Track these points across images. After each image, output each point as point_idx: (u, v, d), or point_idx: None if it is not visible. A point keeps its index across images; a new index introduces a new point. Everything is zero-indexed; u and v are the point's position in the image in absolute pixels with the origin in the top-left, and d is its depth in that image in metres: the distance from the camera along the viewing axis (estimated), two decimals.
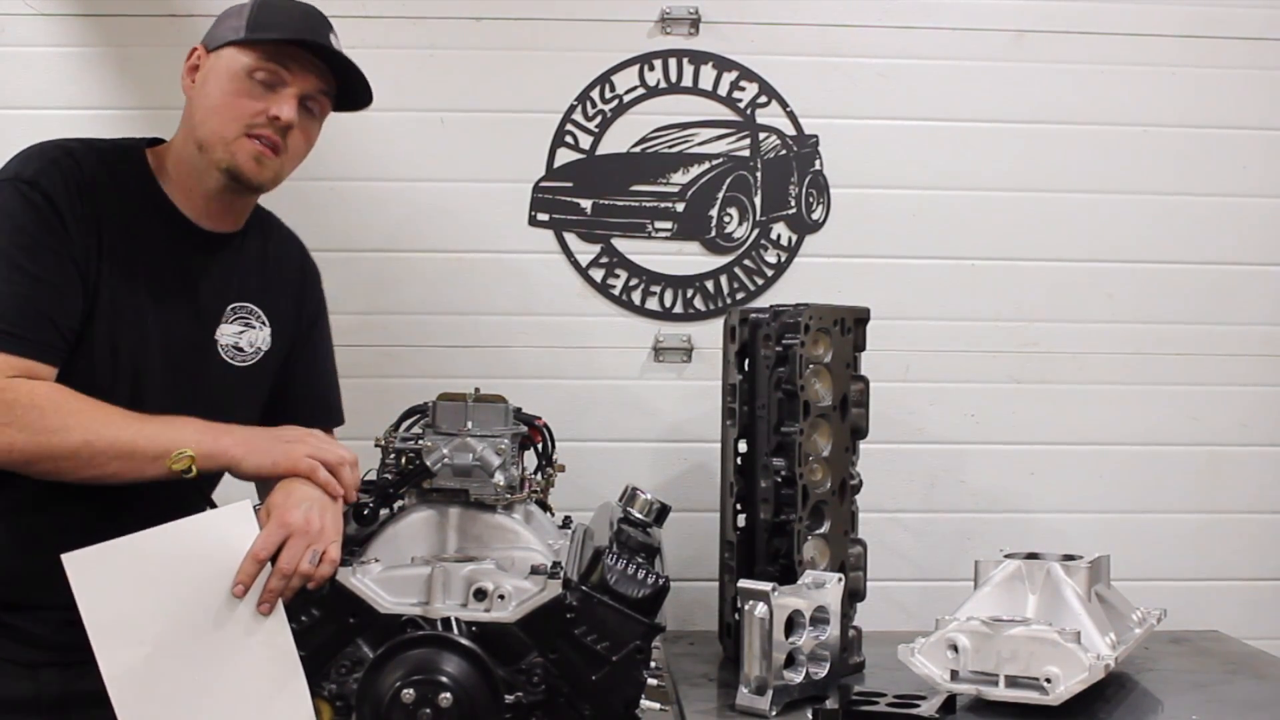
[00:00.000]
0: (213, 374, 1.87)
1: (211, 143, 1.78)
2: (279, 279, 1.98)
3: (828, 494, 2.13)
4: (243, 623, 1.65)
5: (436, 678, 1.61)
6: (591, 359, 2.69)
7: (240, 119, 1.77)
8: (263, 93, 1.78)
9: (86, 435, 1.64)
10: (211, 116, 1.78)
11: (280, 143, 1.79)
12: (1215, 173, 2.75)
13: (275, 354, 1.95)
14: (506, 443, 1.83)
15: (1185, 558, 2.75)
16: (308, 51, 1.79)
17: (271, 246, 1.99)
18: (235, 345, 1.89)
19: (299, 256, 2.05)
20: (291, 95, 1.79)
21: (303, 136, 1.84)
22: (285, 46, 1.78)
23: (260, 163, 1.79)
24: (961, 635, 1.88)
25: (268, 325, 1.93)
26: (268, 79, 1.78)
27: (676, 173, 2.70)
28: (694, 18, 2.68)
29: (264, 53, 1.77)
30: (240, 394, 1.90)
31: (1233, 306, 2.76)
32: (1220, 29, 2.74)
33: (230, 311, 1.89)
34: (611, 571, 1.69)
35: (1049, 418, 2.73)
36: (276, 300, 1.95)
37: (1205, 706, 1.98)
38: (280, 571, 1.64)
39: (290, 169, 1.87)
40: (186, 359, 1.84)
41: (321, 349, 2.07)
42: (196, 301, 1.85)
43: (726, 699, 1.98)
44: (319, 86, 1.83)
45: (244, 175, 1.79)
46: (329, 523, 1.70)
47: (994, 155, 2.73)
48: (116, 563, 1.63)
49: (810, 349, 2.12)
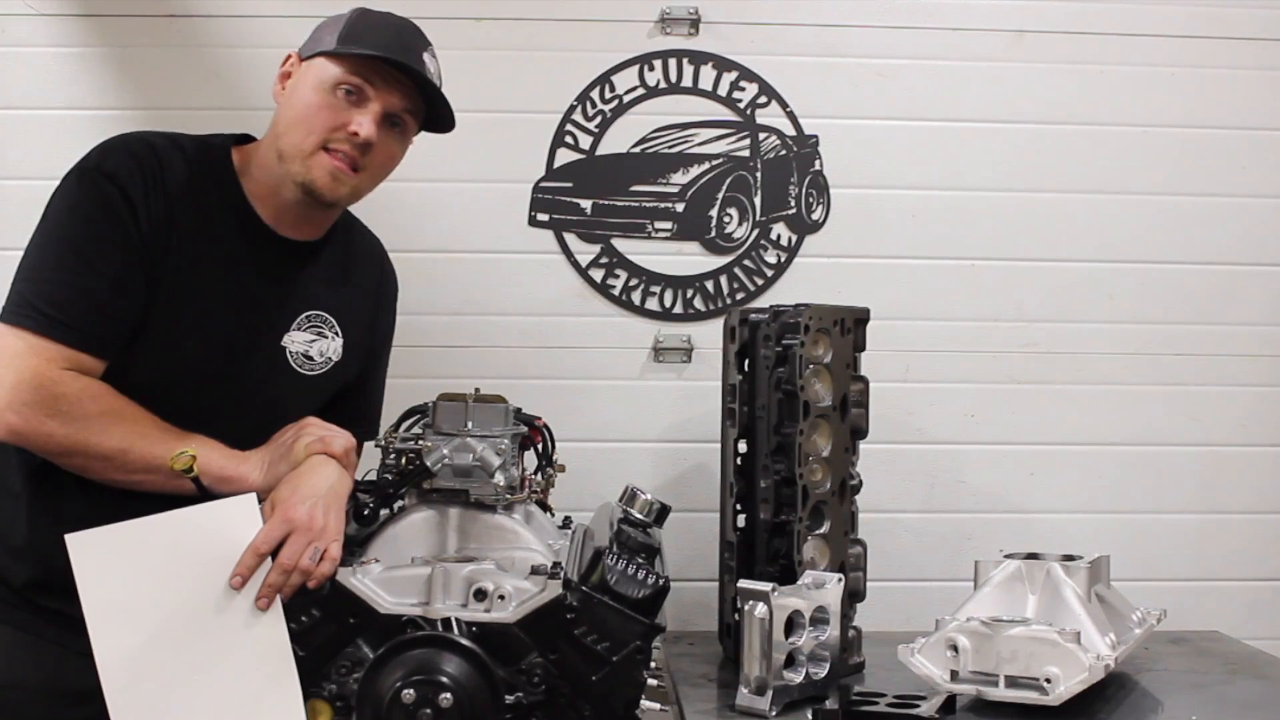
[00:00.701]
0: (279, 381, 1.86)
1: (290, 154, 1.77)
2: (358, 291, 1.96)
3: (828, 494, 2.13)
4: (239, 616, 1.64)
5: (437, 678, 1.61)
6: (591, 359, 2.69)
7: (320, 131, 1.75)
8: (346, 107, 1.76)
9: (123, 443, 1.66)
10: (293, 127, 1.77)
11: (359, 159, 1.77)
12: (1215, 173, 2.75)
13: (345, 366, 1.93)
14: (506, 443, 1.83)
15: (1185, 558, 2.75)
16: (396, 69, 1.77)
17: (353, 258, 1.97)
18: (305, 354, 1.88)
19: (379, 267, 2.04)
20: (374, 111, 1.77)
21: (385, 154, 1.81)
22: (373, 62, 1.76)
23: (336, 179, 1.77)
24: (961, 635, 1.88)
25: (341, 336, 1.92)
26: (353, 93, 1.76)
27: (676, 173, 2.70)
28: (694, 18, 2.68)
29: (351, 66, 1.76)
30: (304, 402, 1.88)
31: (1233, 306, 2.76)
32: (1220, 29, 2.74)
33: (304, 320, 1.87)
34: (611, 572, 1.69)
35: (1049, 418, 2.73)
36: (353, 312, 1.94)
37: (1205, 706, 1.98)
38: (280, 566, 1.64)
39: (370, 187, 1.84)
40: (252, 364, 1.83)
41: (383, 362, 2.07)
42: (267, 308, 1.84)
43: (726, 699, 1.98)
44: (404, 105, 1.80)
45: (319, 192, 1.77)
46: (332, 520, 1.70)
47: (994, 155, 2.73)
48: (118, 547, 1.63)
49: (810, 349, 2.12)
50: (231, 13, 2.63)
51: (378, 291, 2.03)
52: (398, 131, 1.83)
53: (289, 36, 2.23)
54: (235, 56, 2.63)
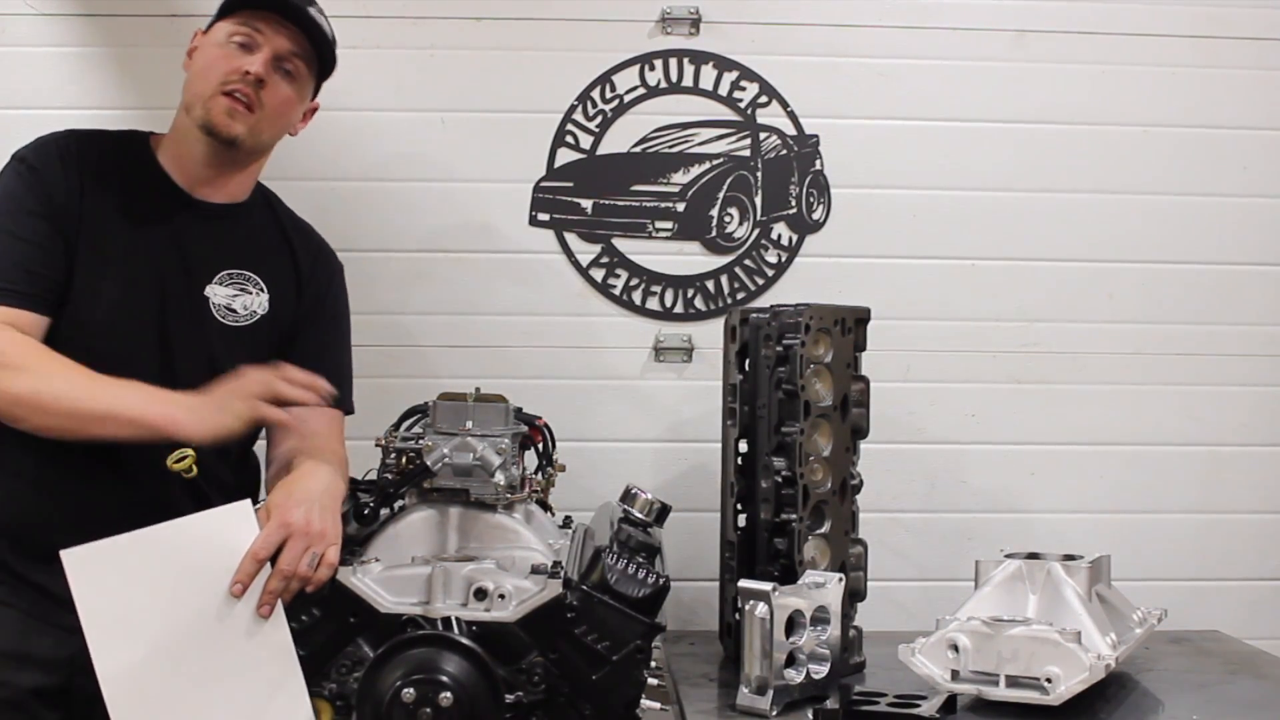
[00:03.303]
0: (207, 330, 1.95)
1: (193, 103, 1.93)
2: (284, 253, 2.06)
3: (828, 494, 2.13)
4: (241, 623, 1.65)
5: (437, 677, 1.61)
6: (592, 359, 2.69)
7: (217, 77, 1.90)
8: (240, 54, 1.91)
9: (36, 385, 1.74)
10: (196, 80, 1.94)
11: (254, 96, 1.90)
12: (1215, 173, 2.75)
13: (273, 319, 2.00)
14: (507, 442, 1.83)
15: (1185, 558, 2.75)
16: (280, 16, 1.93)
17: (281, 228, 2.08)
18: (228, 307, 1.97)
19: (311, 244, 2.12)
20: (263, 54, 1.91)
21: (278, 96, 1.94)
22: (258, 13, 1.93)
23: (232, 115, 1.90)
24: (962, 635, 1.88)
25: (265, 292, 2.00)
26: (244, 41, 1.92)
27: (677, 173, 2.70)
28: (694, 18, 2.68)
29: (239, 19, 1.93)
30: (236, 352, 1.94)
31: (1233, 306, 2.76)
32: (1222, 29, 2.73)
33: (225, 276, 1.97)
34: (612, 571, 1.70)
35: (1049, 418, 2.73)
36: (277, 272, 2.03)
37: (1205, 706, 1.98)
38: (280, 572, 1.65)
39: (269, 130, 1.96)
40: (178, 312, 1.93)
41: (332, 335, 2.11)
42: (187, 261, 1.95)
43: (727, 699, 1.98)
44: (290, 48, 1.94)
45: (217, 128, 1.90)
46: (329, 524, 1.71)
47: (994, 155, 2.73)
48: (115, 560, 1.63)
49: (811, 349, 2.12)
50: None
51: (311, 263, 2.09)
52: (289, 78, 1.96)
53: None
54: None
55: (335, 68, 2.04)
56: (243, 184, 2.02)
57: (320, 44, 1.98)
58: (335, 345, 2.11)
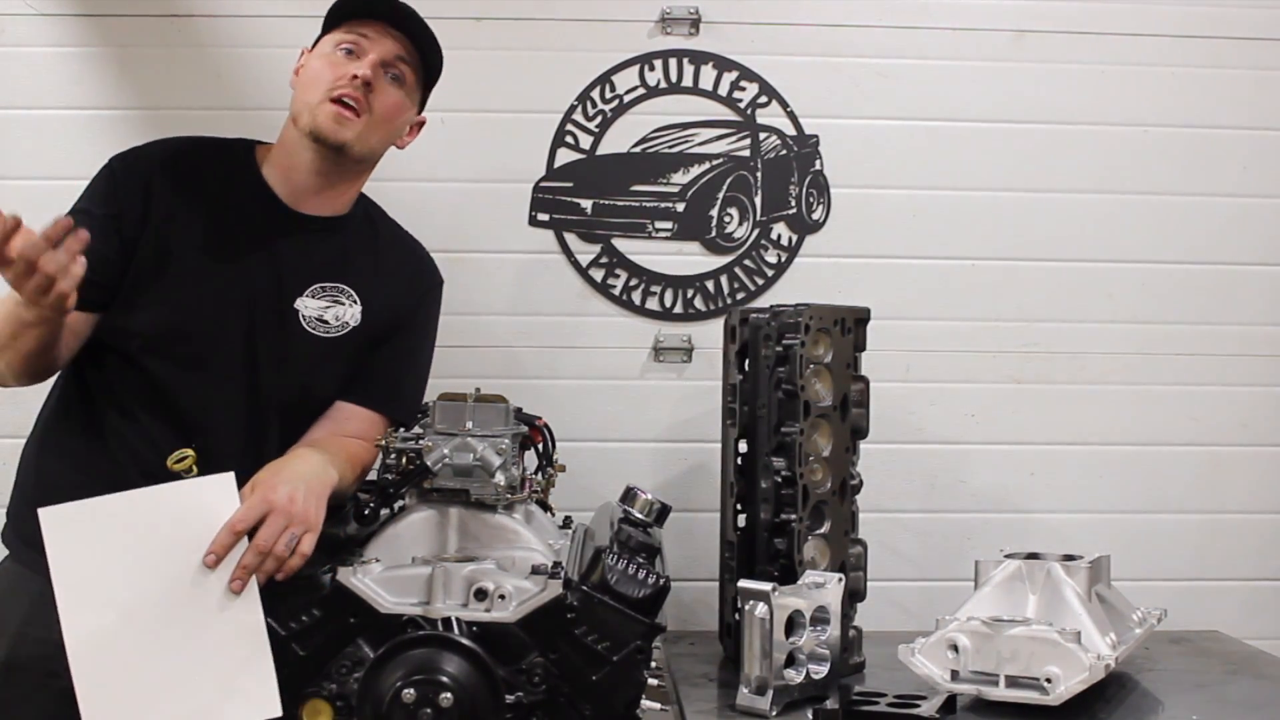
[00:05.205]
0: (291, 340, 1.95)
1: (301, 111, 1.93)
2: (380, 266, 2.05)
3: (828, 494, 2.13)
4: (213, 596, 1.63)
5: (437, 677, 1.61)
6: (591, 359, 2.69)
7: (325, 85, 1.91)
8: (347, 61, 1.93)
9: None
10: (305, 90, 1.94)
11: (362, 101, 1.91)
12: (1215, 173, 2.75)
13: (364, 331, 2.00)
14: (507, 443, 1.83)
15: (1185, 558, 2.75)
16: (385, 24, 1.95)
17: (382, 243, 2.09)
18: (319, 318, 1.97)
19: (413, 257, 2.13)
20: (370, 59, 1.92)
21: (386, 101, 1.95)
22: (364, 21, 1.95)
23: (340, 122, 1.90)
24: (962, 635, 1.88)
25: (359, 304, 2.00)
26: (351, 48, 1.93)
27: (677, 173, 2.70)
28: (694, 18, 2.68)
29: (345, 28, 1.95)
30: (320, 361, 1.97)
31: (1233, 306, 2.76)
32: (1220, 29, 2.73)
33: (318, 289, 1.98)
34: (612, 571, 1.69)
35: (1049, 418, 2.73)
36: (371, 284, 2.02)
37: (1205, 706, 1.98)
38: (255, 547, 1.64)
39: (377, 136, 1.97)
40: (264, 322, 1.94)
41: (413, 342, 2.10)
42: (280, 274, 1.95)
43: (727, 699, 1.98)
44: (396, 52, 1.96)
45: (325, 134, 1.90)
46: (312, 508, 1.70)
47: (994, 155, 2.72)
48: (92, 522, 1.62)
49: (810, 349, 2.12)
50: (232, 13, 2.63)
51: (408, 276, 2.09)
52: (397, 83, 1.97)
53: (290, 36, 2.25)
54: (236, 57, 2.63)
55: (440, 77, 2.06)
56: (346, 196, 2.03)
57: (427, 51, 1.99)
58: (408, 356, 2.09)
